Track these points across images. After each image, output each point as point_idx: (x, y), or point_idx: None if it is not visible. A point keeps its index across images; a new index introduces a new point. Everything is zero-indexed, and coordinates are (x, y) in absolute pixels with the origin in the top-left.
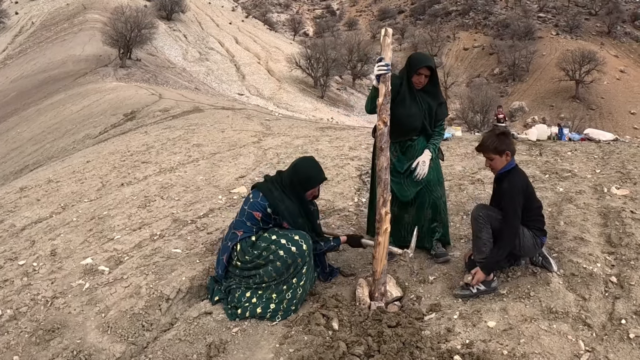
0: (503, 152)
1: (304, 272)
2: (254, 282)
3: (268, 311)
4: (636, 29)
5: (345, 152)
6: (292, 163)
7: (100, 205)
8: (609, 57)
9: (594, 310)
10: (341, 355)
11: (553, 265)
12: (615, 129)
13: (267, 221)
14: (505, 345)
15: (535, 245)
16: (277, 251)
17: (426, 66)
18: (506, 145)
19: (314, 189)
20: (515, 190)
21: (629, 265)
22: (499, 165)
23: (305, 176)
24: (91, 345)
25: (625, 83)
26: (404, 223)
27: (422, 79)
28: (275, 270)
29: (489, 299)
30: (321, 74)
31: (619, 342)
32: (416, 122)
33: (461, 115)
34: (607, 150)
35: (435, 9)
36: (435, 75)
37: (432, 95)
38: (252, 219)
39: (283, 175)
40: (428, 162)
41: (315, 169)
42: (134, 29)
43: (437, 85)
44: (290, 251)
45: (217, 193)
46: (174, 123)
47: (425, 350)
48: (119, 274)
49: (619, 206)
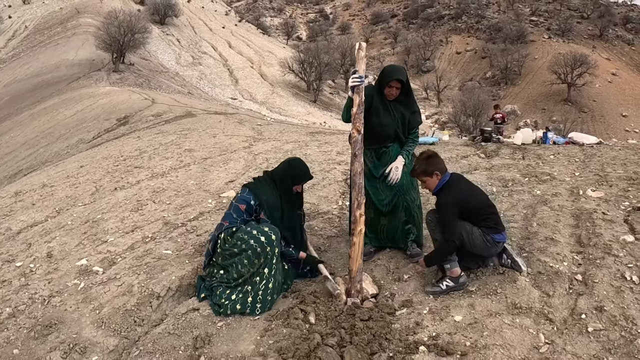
0: (432, 172)
1: (273, 263)
2: (232, 278)
3: (247, 306)
4: (628, 32)
5: (333, 156)
6: (285, 160)
7: (94, 209)
8: (600, 60)
9: (557, 305)
10: (316, 345)
11: (522, 267)
12: (607, 132)
13: (250, 213)
14: (469, 338)
15: (486, 243)
16: (248, 240)
17: (396, 79)
18: (434, 166)
19: (300, 184)
20: (446, 205)
21: (594, 264)
22: (431, 186)
23: (298, 171)
24: (86, 339)
25: (617, 86)
26: (380, 225)
27: (394, 91)
28: (247, 258)
29: (459, 295)
30: (314, 78)
31: (577, 335)
32: (389, 130)
33: (453, 119)
34: (589, 153)
35: (428, 12)
36: (408, 86)
37: (405, 104)
38: (238, 211)
39: (274, 170)
40: (401, 167)
41: (305, 166)
42: (127, 34)
43: (410, 95)
44: (259, 240)
45: (207, 197)
46: (166, 128)
47: (394, 341)
48: (113, 274)
49: (592, 208)
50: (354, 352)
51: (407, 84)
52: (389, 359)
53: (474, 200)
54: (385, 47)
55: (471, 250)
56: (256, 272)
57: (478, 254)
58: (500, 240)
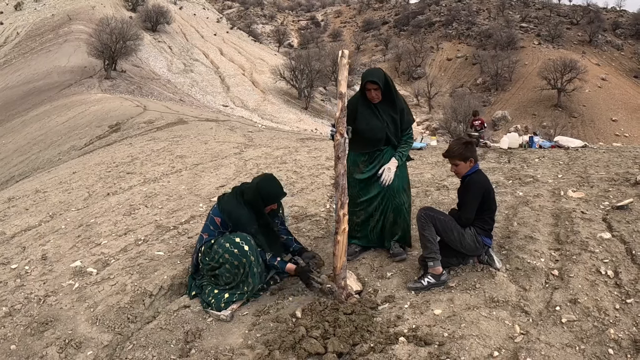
0: (467, 158)
1: (254, 271)
2: (222, 283)
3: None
4: (617, 38)
5: (322, 162)
6: (254, 181)
7: (88, 214)
8: (590, 65)
9: (533, 299)
10: (300, 337)
11: (496, 263)
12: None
13: (225, 227)
14: (447, 329)
15: (476, 244)
16: (223, 254)
17: (370, 81)
18: (471, 153)
19: (273, 204)
20: (477, 185)
21: (571, 259)
22: (463, 171)
23: (268, 193)
24: (81, 335)
25: (607, 91)
26: (370, 227)
27: (374, 94)
28: (228, 271)
29: (439, 291)
30: (305, 85)
31: (552, 326)
32: (379, 134)
33: (444, 125)
34: (573, 156)
35: (418, 19)
36: (387, 87)
37: (392, 106)
38: (214, 224)
39: (245, 190)
40: (394, 169)
41: (276, 186)
42: (119, 41)
43: (394, 95)
44: (233, 254)
45: (198, 201)
46: (158, 135)
47: (375, 333)
48: (106, 275)
49: (571, 208)
50: (336, 343)
51: (386, 85)
52: (370, 349)
53: (493, 194)
54: (376, 54)
55: (459, 249)
56: (241, 281)
57: (462, 253)
58: (487, 245)
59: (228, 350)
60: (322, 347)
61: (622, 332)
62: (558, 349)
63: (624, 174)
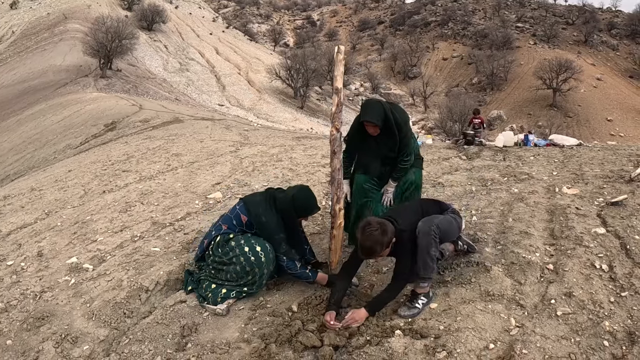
0: (389, 243)
1: (263, 282)
2: (224, 278)
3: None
4: (612, 38)
5: (318, 160)
6: (289, 191)
7: (83, 211)
8: (585, 65)
9: (528, 292)
10: (297, 331)
11: (475, 247)
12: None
13: (251, 227)
14: (442, 322)
15: (457, 225)
16: (239, 256)
17: (366, 120)
18: (390, 237)
19: (306, 217)
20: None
21: (566, 254)
22: (387, 253)
23: (303, 206)
24: (78, 330)
25: (602, 91)
26: None
27: (371, 129)
28: (235, 272)
29: (435, 285)
30: (301, 85)
31: (547, 319)
32: (375, 161)
33: (440, 125)
34: (568, 154)
35: (414, 19)
36: (386, 126)
37: (391, 135)
38: (238, 220)
39: (278, 198)
40: (392, 190)
41: (312, 200)
42: (115, 39)
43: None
44: (249, 260)
45: (194, 198)
46: (154, 133)
47: (371, 326)
48: (103, 270)
49: (566, 204)
50: (332, 336)
51: (386, 123)
52: (366, 342)
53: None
54: (372, 53)
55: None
56: (244, 284)
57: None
58: None
59: (224, 344)
60: (319, 340)
61: (617, 324)
62: (553, 341)
63: (618, 171)
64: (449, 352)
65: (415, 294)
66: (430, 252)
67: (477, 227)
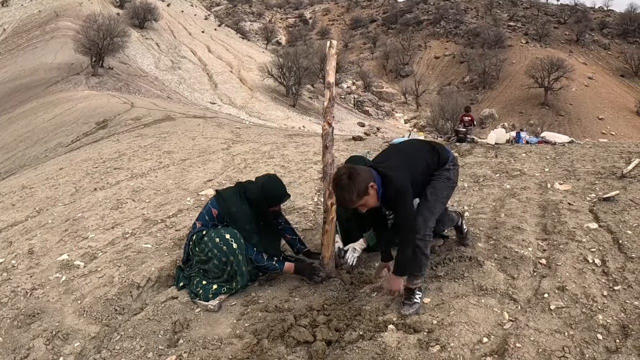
0: (367, 189)
1: (243, 270)
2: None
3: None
4: (604, 37)
5: (310, 157)
6: (258, 180)
7: (75, 209)
8: (577, 64)
9: (521, 287)
10: (289, 326)
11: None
12: (584, 134)
13: (222, 219)
14: (435, 317)
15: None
16: (212, 249)
17: None
18: (363, 181)
19: (278, 205)
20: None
21: (558, 249)
22: (373, 202)
23: (273, 194)
24: (68, 327)
25: (593, 89)
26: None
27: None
28: (216, 267)
29: (428, 280)
30: (293, 83)
31: (540, 312)
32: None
33: (432, 123)
34: (560, 151)
35: (406, 18)
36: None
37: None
38: (210, 214)
39: (247, 189)
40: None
41: (281, 188)
42: (106, 37)
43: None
44: (222, 250)
45: (185, 195)
46: (145, 131)
47: (364, 321)
48: (94, 267)
49: (558, 199)
50: (325, 331)
51: None
52: (359, 337)
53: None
54: (364, 51)
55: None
56: (230, 277)
57: None
58: None
59: (216, 340)
60: (311, 335)
61: (611, 317)
62: (547, 334)
63: (610, 168)
64: (442, 346)
65: (411, 290)
66: (425, 252)
67: (469, 222)
